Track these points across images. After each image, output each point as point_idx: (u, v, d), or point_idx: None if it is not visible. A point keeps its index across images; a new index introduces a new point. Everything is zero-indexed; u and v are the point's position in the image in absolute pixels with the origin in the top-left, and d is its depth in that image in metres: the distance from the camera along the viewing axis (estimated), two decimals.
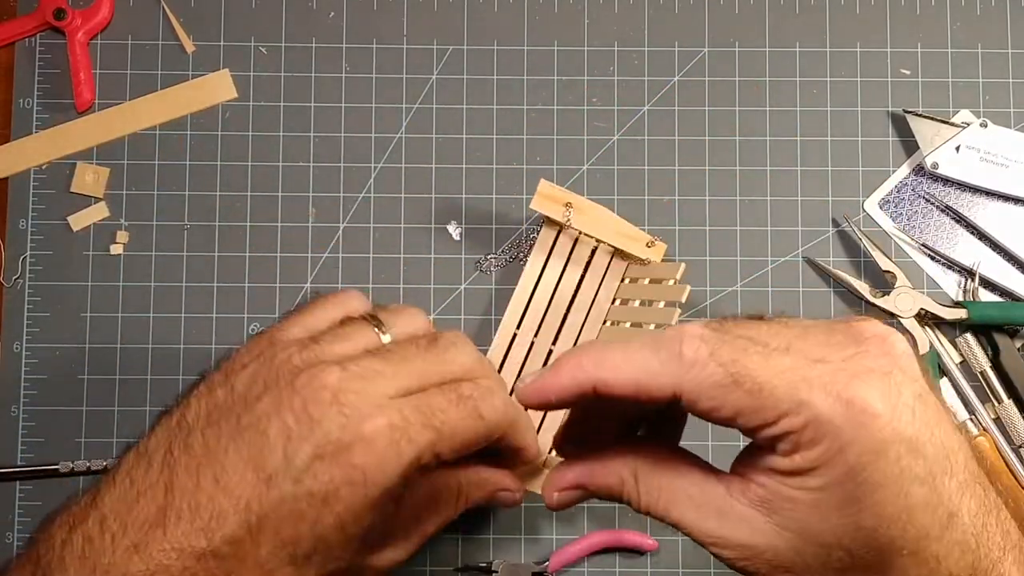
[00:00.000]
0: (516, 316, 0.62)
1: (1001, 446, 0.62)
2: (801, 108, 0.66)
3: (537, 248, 0.63)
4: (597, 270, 0.62)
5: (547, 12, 0.67)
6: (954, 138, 0.64)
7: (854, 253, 0.65)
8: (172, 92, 0.66)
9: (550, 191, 0.60)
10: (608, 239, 0.61)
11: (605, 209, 0.61)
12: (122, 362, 0.64)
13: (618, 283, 0.62)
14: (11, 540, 0.62)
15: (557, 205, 0.60)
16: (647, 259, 0.61)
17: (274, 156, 0.66)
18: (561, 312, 0.62)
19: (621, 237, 0.61)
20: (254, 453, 0.38)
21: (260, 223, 0.65)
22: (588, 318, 0.62)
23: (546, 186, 0.60)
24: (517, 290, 0.63)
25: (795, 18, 0.67)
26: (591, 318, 0.62)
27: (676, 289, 0.58)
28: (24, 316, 0.64)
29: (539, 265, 0.63)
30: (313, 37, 0.67)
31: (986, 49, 0.67)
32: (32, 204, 0.65)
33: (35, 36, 0.66)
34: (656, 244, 0.61)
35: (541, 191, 0.60)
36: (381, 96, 0.66)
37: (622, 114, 0.66)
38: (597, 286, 0.62)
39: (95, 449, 0.63)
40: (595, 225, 0.61)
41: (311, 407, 0.38)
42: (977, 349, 0.63)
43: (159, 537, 0.37)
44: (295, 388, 0.39)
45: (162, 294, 0.65)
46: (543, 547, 0.63)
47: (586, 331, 0.62)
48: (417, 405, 0.40)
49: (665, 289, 0.59)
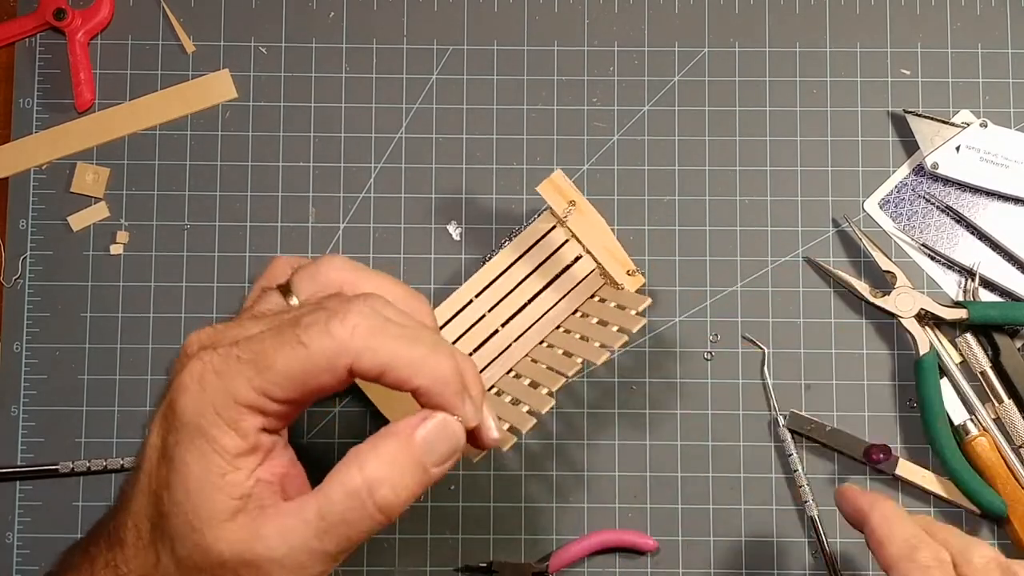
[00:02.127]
0: (480, 284, 0.62)
1: (1002, 446, 0.62)
2: (801, 108, 0.66)
3: (524, 234, 0.63)
4: (572, 278, 0.62)
5: (547, 12, 0.67)
6: (954, 138, 0.64)
7: (854, 253, 0.65)
8: (172, 92, 0.66)
9: (561, 182, 0.59)
10: (595, 251, 0.60)
11: (603, 221, 0.60)
12: (122, 362, 0.64)
13: (586, 298, 0.62)
14: (11, 540, 0.62)
15: (562, 199, 0.60)
16: (622, 285, 0.60)
17: (274, 156, 0.66)
18: (520, 302, 0.62)
19: (607, 254, 0.60)
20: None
21: (260, 223, 0.65)
22: (542, 320, 0.62)
23: (559, 176, 0.59)
24: (493, 260, 0.62)
25: (795, 18, 0.67)
26: (544, 321, 0.62)
27: (633, 318, 0.57)
28: (24, 316, 0.64)
29: (519, 251, 0.62)
30: (313, 37, 0.67)
31: (986, 49, 0.67)
32: (32, 204, 0.65)
33: (35, 36, 0.66)
34: (636, 275, 0.61)
35: (553, 179, 0.59)
36: (381, 96, 0.66)
37: (622, 114, 0.66)
38: (565, 293, 0.62)
39: (95, 449, 0.63)
40: (588, 232, 0.60)
41: (173, 397, 0.38)
42: (977, 349, 0.63)
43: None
44: (172, 388, 0.39)
45: (162, 294, 0.65)
46: (543, 547, 0.63)
47: (535, 329, 0.62)
48: (240, 345, 0.38)
49: (624, 316, 0.58)
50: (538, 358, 0.61)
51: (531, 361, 0.61)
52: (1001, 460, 0.62)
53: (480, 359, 0.62)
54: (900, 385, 0.64)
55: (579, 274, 0.62)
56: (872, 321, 0.64)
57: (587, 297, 0.62)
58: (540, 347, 0.62)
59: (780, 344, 0.64)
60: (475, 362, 0.59)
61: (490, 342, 0.62)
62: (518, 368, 0.61)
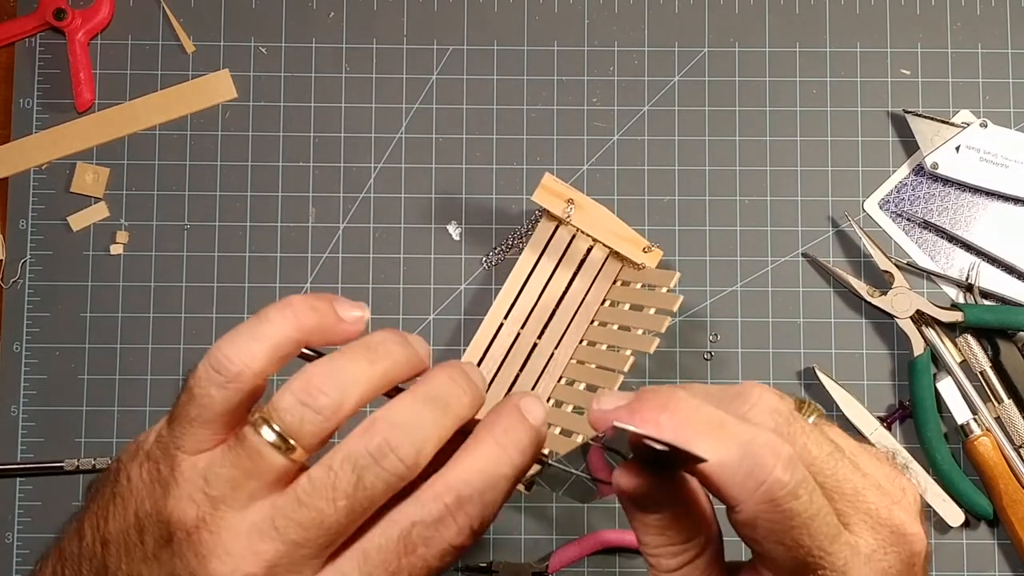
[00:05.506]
0: (505, 306, 0.62)
1: (1003, 446, 0.62)
2: (801, 108, 0.66)
3: (532, 242, 0.63)
4: (590, 269, 0.62)
5: (547, 12, 0.67)
6: (954, 138, 0.64)
7: (854, 253, 0.65)
8: (172, 92, 0.66)
9: (553, 185, 0.60)
10: (605, 240, 0.61)
11: (605, 209, 0.61)
12: (122, 362, 0.64)
13: (610, 284, 0.62)
14: (11, 540, 0.62)
15: (558, 200, 0.60)
16: (642, 264, 0.60)
17: (274, 156, 0.66)
18: (549, 308, 0.62)
19: (618, 239, 0.60)
20: None
21: (260, 223, 0.65)
22: (576, 316, 0.62)
23: (550, 180, 0.60)
24: (508, 281, 0.63)
25: (795, 18, 0.67)
26: (579, 317, 0.62)
27: (669, 298, 0.57)
28: (24, 316, 0.64)
29: (532, 259, 0.63)
30: (313, 37, 0.67)
31: (986, 49, 0.67)
32: (32, 204, 0.65)
33: (35, 36, 0.66)
34: (653, 250, 0.61)
35: (544, 184, 0.60)
36: (381, 96, 0.66)
37: (622, 114, 0.66)
38: (589, 285, 0.62)
39: (95, 449, 0.63)
40: (594, 224, 0.60)
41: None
42: (977, 349, 0.63)
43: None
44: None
45: (162, 294, 0.65)
46: (543, 547, 0.63)
47: (572, 329, 0.62)
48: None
49: (657, 296, 0.58)
50: (585, 359, 0.61)
51: (578, 363, 0.61)
52: (1003, 460, 0.62)
53: (528, 376, 0.61)
54: (899, 385, 0.64)
55: (598, 260, 0.62)
56: (872, 321, 0.64)
57: (612, 283, 0.62)
58: (582, 347, 0.61)
59: (780, 344, 0.64)
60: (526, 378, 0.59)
61: (533, 356, 0.62)
62: (568, 374, 0.61)
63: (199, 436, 0.33)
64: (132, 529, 0.33)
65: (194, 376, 0.33)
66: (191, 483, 0.32)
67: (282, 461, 0.32)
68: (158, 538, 0.33)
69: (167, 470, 0.33)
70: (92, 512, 0.35)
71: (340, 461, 0.32)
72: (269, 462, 0.32)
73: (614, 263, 0.62)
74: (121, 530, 0.34)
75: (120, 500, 0.34)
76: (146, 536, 0.33)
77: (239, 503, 0.32)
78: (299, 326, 0.34)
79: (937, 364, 0.63)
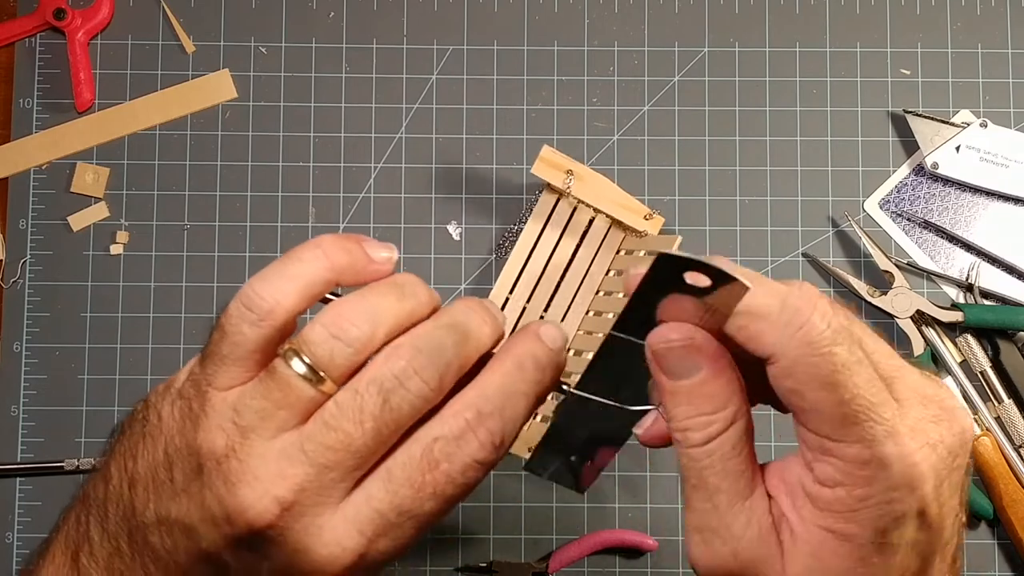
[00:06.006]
0: (510, 280, 0.62)
1: (1003, 446, 0.62)
2: (801, 108, 0.66)
3: (535, 215, 0.63)
4: (593, 239, 0.62)
5: (547, 12, 0.67)
6: (954, 138, 0.64)
7: (854, 253, 0.65)
8: (172, 92, 0.66)
9: (552, 157, 0.60)
10: (607, 209, 0.61)
11: (605, 179, 0.61)
12: (122, 362, 0.64)
13: (614, 254, 0.62)
14: (11, 540, 0.62)
15: (558, 172, 0.60)
16: (644, 231, 0.61)
17: (274, 156, 0.66)
18: (555, 280, 0.62)
19: (620, 208, 0.61)
20: None
21: (260, 223, 0.65)
22: (581, 287, 0.62)
23: (548, 152, 0.60)
24: (512, 254, 0.63)
25: (795, 18, 0.67)
26: (584, 287, 0.62)
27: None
28: (24, 316, 0.64)
29: (535, 231, 0.62)
30: (313, 37, 0.67)
31: (986, 49, 0.67)
32: (32, 204, 0.65)
33: (35, 36, 0.66)
34: (654, 216, 0.61)
35: (543, 156, 0.60)
36: (381, 96, 0.66)
37: (622, 114, 0.66)
38: (592, 256, 0.62)
39: (95, 449, 0.63)
40: (595, 194, 0.61)
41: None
42: (977, 349, 0.63)
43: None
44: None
45: (162, 294, 0.65)
46: (543, 547, 0.63)
47: (578, 300, 0.62)
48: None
49: None
50: (592, 329, 0.61)
51: (585, 334, 0.61)
52: (1003, 460, 0.62)
53: None
54: None
55: (601, 230, 0.63)
56: (872, 321, 0.64)
57: (615, 252, 0.62)
58: (589, 317, 0.62)
59: None
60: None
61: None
62: (575, 345, 0.61)
63: (231, 373, 0.34)
64: (161, 467, 0.34)
65: (226, 314, 0.34)
66: (221, 414, 0.33)
67: (311, 392, 0.33)
68: (187, 471, 0.33)
69: (198, 406, 0.33)
70: (119, 454, 0.35)
71: (366, 384, 0.33)
72: (298, 393, 0.33)
73: (617, 233, 0.62)
74: (150, 468, 0.34)
75: (150, 439, 0.34)
76: (175, 471, 0.33)
77: (268, 433, 0.33)
78: (331, 265, 0.35)
79: (937, 364, 0.63)
